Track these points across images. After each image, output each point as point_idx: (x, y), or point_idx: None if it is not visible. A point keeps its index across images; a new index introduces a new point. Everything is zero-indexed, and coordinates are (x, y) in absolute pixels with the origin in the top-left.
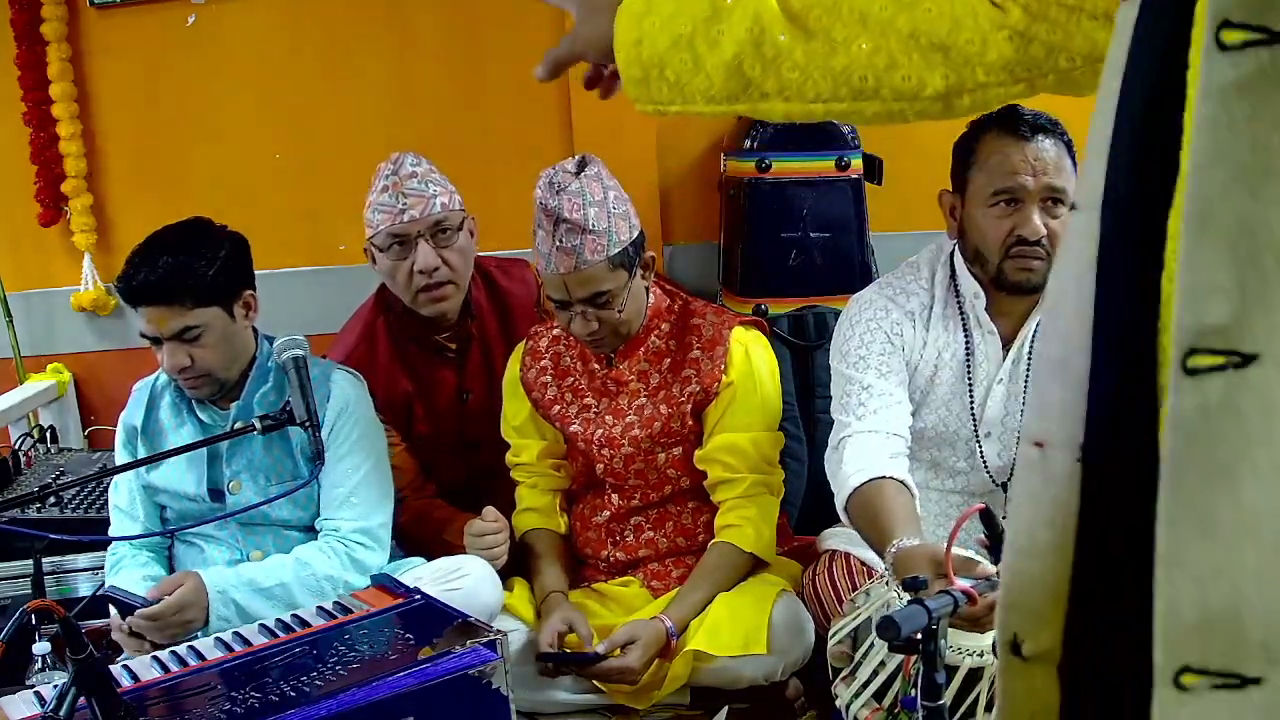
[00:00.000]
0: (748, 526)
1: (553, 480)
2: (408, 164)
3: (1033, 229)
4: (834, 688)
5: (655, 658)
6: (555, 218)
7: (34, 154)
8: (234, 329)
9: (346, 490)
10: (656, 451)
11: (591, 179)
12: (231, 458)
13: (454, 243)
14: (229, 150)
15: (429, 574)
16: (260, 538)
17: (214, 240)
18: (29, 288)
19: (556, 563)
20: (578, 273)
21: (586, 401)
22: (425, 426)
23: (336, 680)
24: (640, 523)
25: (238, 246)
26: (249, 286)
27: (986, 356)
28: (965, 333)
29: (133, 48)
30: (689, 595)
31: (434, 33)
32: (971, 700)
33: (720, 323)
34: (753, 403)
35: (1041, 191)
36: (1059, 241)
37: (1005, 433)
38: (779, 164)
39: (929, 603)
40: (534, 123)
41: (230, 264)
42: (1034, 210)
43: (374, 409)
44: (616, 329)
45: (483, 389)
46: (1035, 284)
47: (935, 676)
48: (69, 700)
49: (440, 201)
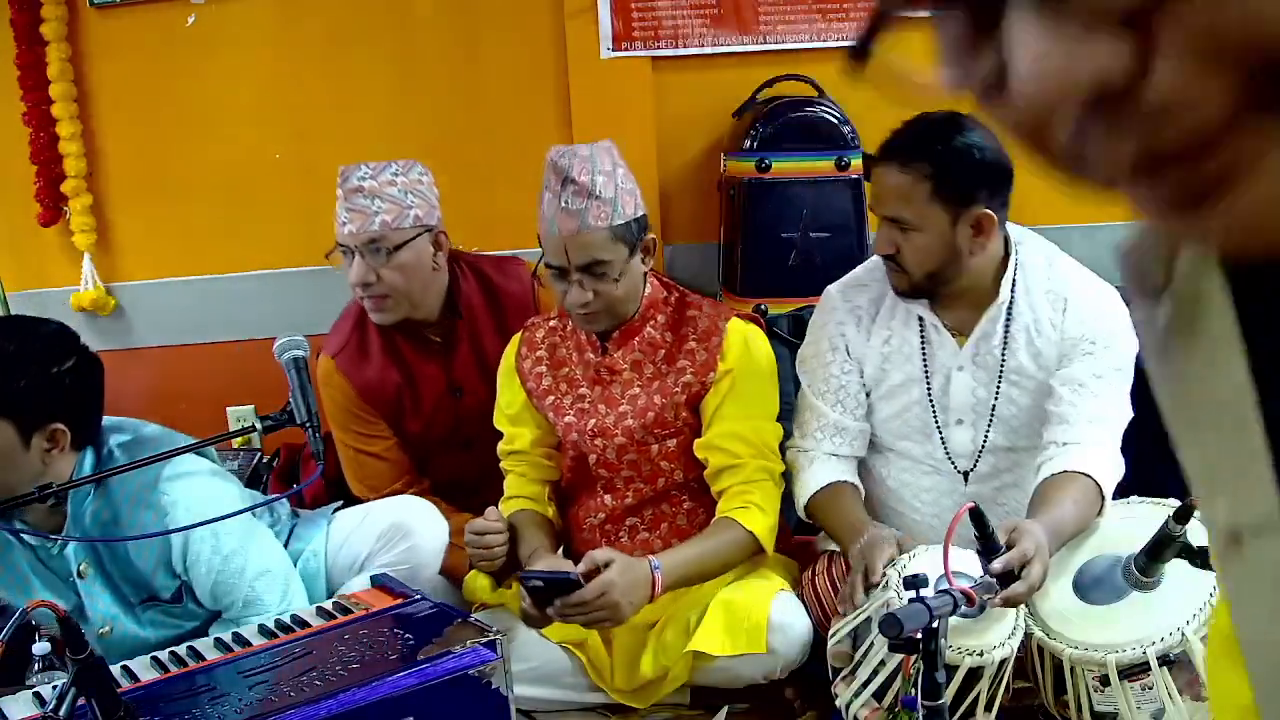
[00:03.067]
0: (752, 508)
1: (543, 470)
2: (354, 178)
3: (877, 247)
4: (834, 688)
5: (641, 596)
6: (564, 177)
7: (34, 154)
8: (22, 456)
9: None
10: (650, 443)
11: (603, 151)
12: (93, 603)
13: (391, 260)
14: (229, 150)
15: (371, 541)
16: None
17: (54, 351)
18: (29, 288)
19: (540, 531)
20: (579, 235)
21: (581, 391)
22: (415, 424)
23: (336, 680)
24: (635, 524)
25: (83, 370)
26: (66, 421)
27: (941, 346)
28: (920, 322)
29: (133, 48)
30: (681, 549)
31: (434, 33)
32: (971, 700)
33: (716, 314)
34: (752, 390)
35: (884, 216)
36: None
37: (978, 419)
38: (779, 164)
39: (930, 601)
40: (533, 123)
41: (56, 383)
42: (883, 230)
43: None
44: (611, 306)
45: (478, 387)
46: (903, 292)
47: (935, 676)
48: (69, 700)
49: (381, 219)
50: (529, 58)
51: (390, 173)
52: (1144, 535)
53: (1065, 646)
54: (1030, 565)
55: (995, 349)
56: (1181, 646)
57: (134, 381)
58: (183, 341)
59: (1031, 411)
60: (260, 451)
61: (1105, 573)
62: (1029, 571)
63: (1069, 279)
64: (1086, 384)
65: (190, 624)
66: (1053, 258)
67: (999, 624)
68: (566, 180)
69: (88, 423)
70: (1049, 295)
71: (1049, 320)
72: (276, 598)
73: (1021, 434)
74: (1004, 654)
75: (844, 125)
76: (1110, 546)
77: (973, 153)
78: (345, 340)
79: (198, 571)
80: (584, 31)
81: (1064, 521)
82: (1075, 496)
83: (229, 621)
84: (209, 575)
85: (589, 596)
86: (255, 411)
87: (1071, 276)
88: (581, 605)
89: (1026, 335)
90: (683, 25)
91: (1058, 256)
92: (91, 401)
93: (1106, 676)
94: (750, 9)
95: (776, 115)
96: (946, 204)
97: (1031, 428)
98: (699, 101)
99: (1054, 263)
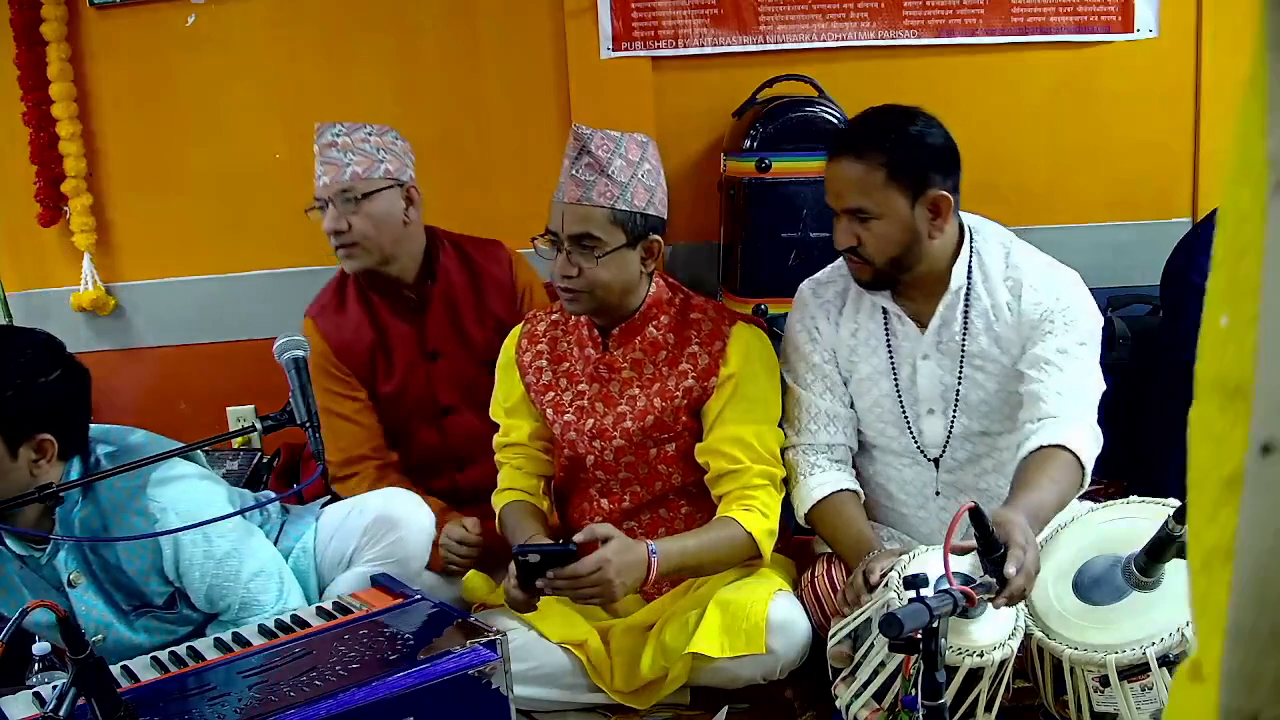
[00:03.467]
0: (754, 511)
1: (540, 465)
2: (329, 134)
3: (838, 241)
4: (834, 688)
5: (635, 578)
6: (582, 146)
7: (34, 154)
8: (11, 468)
9: (240, 589)
10: (648, 445)
11: (637, 142)
12: (86, 608)
13: (362, 209)
14: (229, 150)
15: (358, 534)
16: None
17: (39, 361)
18: (28, 288)
19: (535, 521)
20: (579, 206)
21: (580, 388)
22: (389, 385)
23: (336, 680)
24: (632, 527)
25: (69, 380)
26: (54, 431)
27: (905, 336)
28: (883, 314)
29: (133, 48)
30: (680, 538)
31: (434, 33)
32: (971, 700)
33: (720, 318)
34: (755, 395)
35: (843, 209)
36: (876, 245)
37: (948, 406)
38: (779, 164)
39: (930, 601)
40: (533, 123)
41: (42, 393)
42: (842, 222)
43: (206, 471)
44: (593, 288)
45: (452, 353)
46: (866, 283)
47: (935, 676)
48: (69, 700)
49: (352, 171)
50: (529, 58)
51: (364, 132)
52: (1144, 535)
53: (1065, 647)
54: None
55: (957, 335)
56: (1181, 646)
57: (134, 381)
58: (183, 341)
59: (999, 395)
60: (260, 451)
61: (1105, 573)
62: (1023, 565)
63: (1024, 264)
64: (1052, 360)
65: (184, 629)
66: (1010, 245)
67: (999, 624)
68: (583, 150)
69: (75, 432)
70: (1007, 281)
71: (1006, 304)
72: (272, 597)
73: (991, 418)
74: (1004, 654)
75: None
76: (1110, 546)
77: (923, 137)
78: (325, 301)
79: (191, 577)
80: (584, 31)
81: (1044, 504)
82: (1054, 475)
83: (226, 624)
84: (203, 580)
85: (584, 570)
86: (255, 411)
87: (1027, 262)
88: (575, 578)
89: (986, 320)
90: (683, 25)
91: (1015, 244)
92: (78, 411)
93: (1106, 677)
94: (750, 9)
95: (776, 115)
96: (903, 188)
97: (1002, 412)
98: (699, 101)
99: (1011, 250)
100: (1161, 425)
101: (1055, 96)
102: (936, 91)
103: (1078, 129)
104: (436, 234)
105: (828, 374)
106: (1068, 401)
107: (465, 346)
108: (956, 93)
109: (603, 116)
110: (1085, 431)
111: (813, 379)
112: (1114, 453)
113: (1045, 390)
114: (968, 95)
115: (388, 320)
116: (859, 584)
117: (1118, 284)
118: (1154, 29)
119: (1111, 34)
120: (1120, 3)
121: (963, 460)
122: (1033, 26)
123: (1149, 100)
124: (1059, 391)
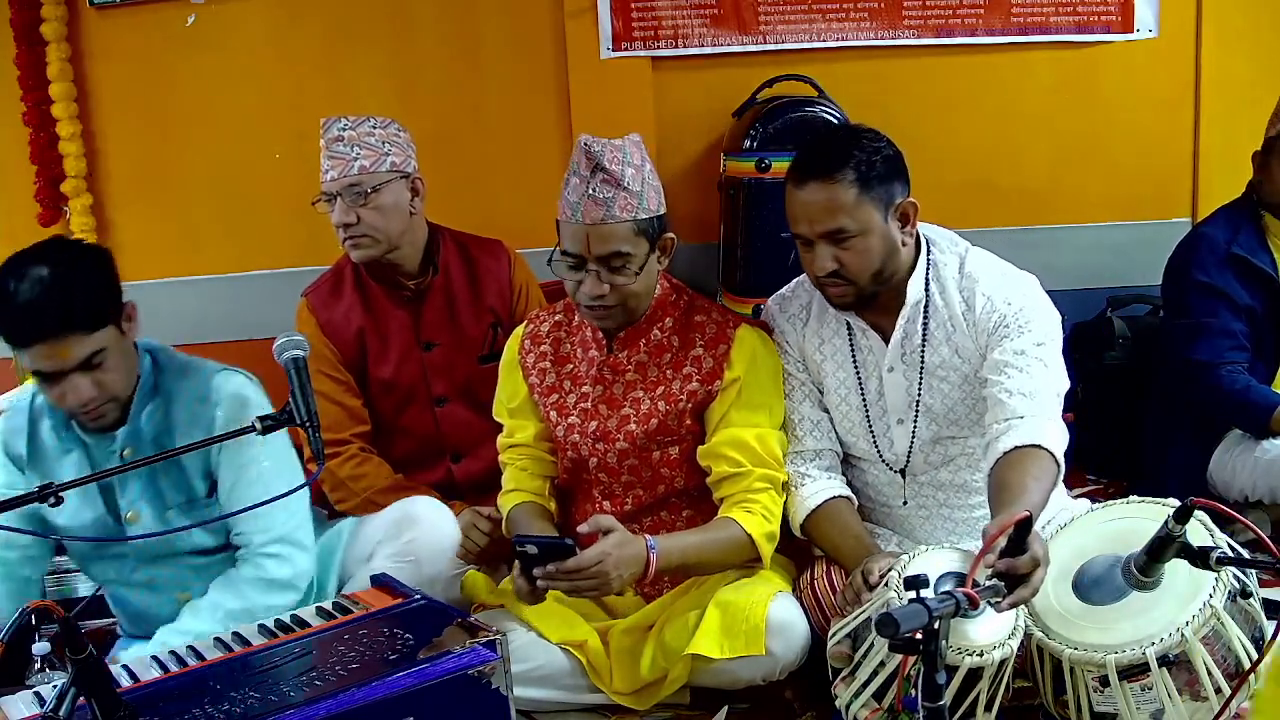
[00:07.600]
0: (755, 514)
1: (545, 466)
2: (335, 129)
3: (819, 267)
4: (834, 688)
5: (633, 573)
6: (595, 164)
7: (34, 154)
8: (126, 346)
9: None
10: (652, 449)
11: (633, 145)
12: (125, 488)
13: (370, 202)
14: (229, 150)
15: (382, 530)
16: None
17: (83, 257)
18: None
19: (543, 520)
20: (603, 226)
21: (584, 390)
22: (383, 370)
23: (336, 680)
24: (634, 530)
25: (104, 259)
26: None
27: (870, 349)
28: (848, 328)
29: (133, 48)
30: (680, 535)
31: (434, 33)
32: (971, 700)
33: (725, 321)
34: (758, 399)
35: (820, 234)
36: (858, 264)
37: (916, 415)
38: (779, 164)
39: (930, 602)
40: (533, 123)
41: (109, 278)
42: (820, 249)
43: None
44: (625, 301)
45: (447, 344)
46: (848, 305)
47: (935, 676)
48: (69, 700)
49: (360, 164)
50: (529, 58)
51: (369, 125)
52: (1144, 535)
53: (1065, 647)
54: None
55: (918, 346)
56: (1181, 647)
57: None
58: (183, 341)
59: (964, 403)
60: None
61: (1105, 573)
62: (1036, 573)
63: (977, 272)
64: (1011, 363)
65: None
66: (964, 253)
67: (999, 624)
68: (598, 168)
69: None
70: (962, 291)
71: (961, 314)
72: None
73: (959, 425)
74: (1004, 654)
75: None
76: (1110, 546)
77: (880, 150)
78: (321, 283)
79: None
80: (584, 31)
81: (1034, 505)
82: (1034, 474)
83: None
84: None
85: (584, 563)
86: None
87: (980, 269)
88: (573, 572)
89: (945, 330)
90: (683, 25)
91: (970, 251)
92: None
93: (1106, 677)
94: (750, 9)
95: (776, 115)
96: (876, 201)
97: (969, 418)
98: (699, 101)
99: (965, 258)
100: (1161, 425)
101: (1055, 96)
102: (936, 91)
103: (1078, 129)
104: (439, 229)
105: (804, 382)
106: (1033, 401)
107: (460, 338)
108: (956, 93)
109: (603, 117)
110: (1053, 427)
111: (790, 387)
112: (1114, 453)
113: (1008, 393)
114: (968, 95)
115: (383, 307)
116: (859, 583)
117: (1118, 284)
118: (1154, 29)
119: (1111, 34)
120: (1120, 3)
121: (923, 468)
122: (1033, 26)
123: (1149, 100)
124: (1023, 392)
